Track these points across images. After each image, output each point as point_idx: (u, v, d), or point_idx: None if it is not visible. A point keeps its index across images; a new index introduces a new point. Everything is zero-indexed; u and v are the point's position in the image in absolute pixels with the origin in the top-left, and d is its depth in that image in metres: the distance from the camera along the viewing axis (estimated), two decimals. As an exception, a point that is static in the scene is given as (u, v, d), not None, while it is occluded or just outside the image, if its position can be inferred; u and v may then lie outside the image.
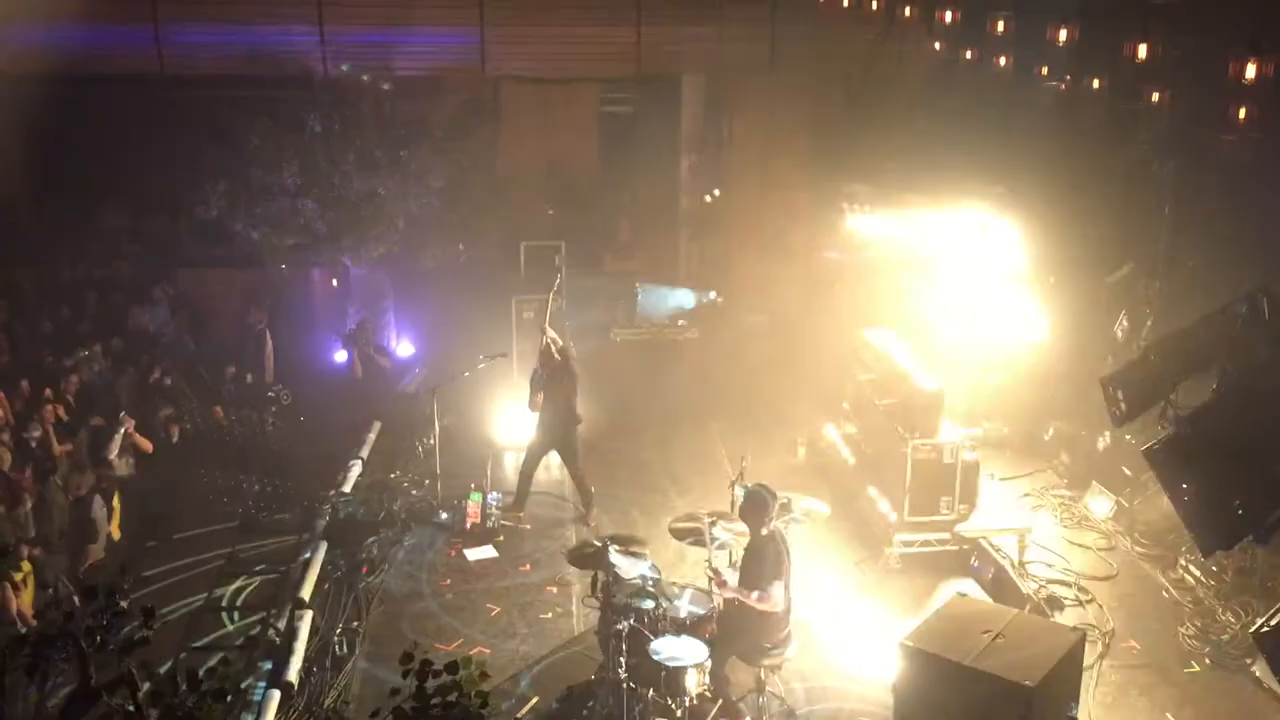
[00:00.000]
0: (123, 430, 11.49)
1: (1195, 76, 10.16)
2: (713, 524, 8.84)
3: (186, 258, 16.38)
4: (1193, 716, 8.74)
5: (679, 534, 9.14)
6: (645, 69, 16.50)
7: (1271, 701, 8.62)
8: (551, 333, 11.75)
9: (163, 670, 4.79)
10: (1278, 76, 9.18)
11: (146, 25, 15.40)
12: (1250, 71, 9.21)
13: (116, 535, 10.96)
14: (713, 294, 16.12)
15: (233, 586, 10.64)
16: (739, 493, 9.18)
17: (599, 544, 8.82)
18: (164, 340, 14.42)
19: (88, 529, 10.47)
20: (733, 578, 8.60)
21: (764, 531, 8.40)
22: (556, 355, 11.64)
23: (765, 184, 17.41)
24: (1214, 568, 10.20)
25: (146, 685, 4.67)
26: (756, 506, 8.40)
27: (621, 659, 8.30)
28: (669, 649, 8.20)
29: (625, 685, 8.27)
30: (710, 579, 8.56)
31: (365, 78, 14.84)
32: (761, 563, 8.35)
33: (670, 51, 16.45)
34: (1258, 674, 8.97)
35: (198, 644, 9.57)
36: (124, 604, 4.83)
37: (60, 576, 9.83)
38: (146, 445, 11.73)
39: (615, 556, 8.60)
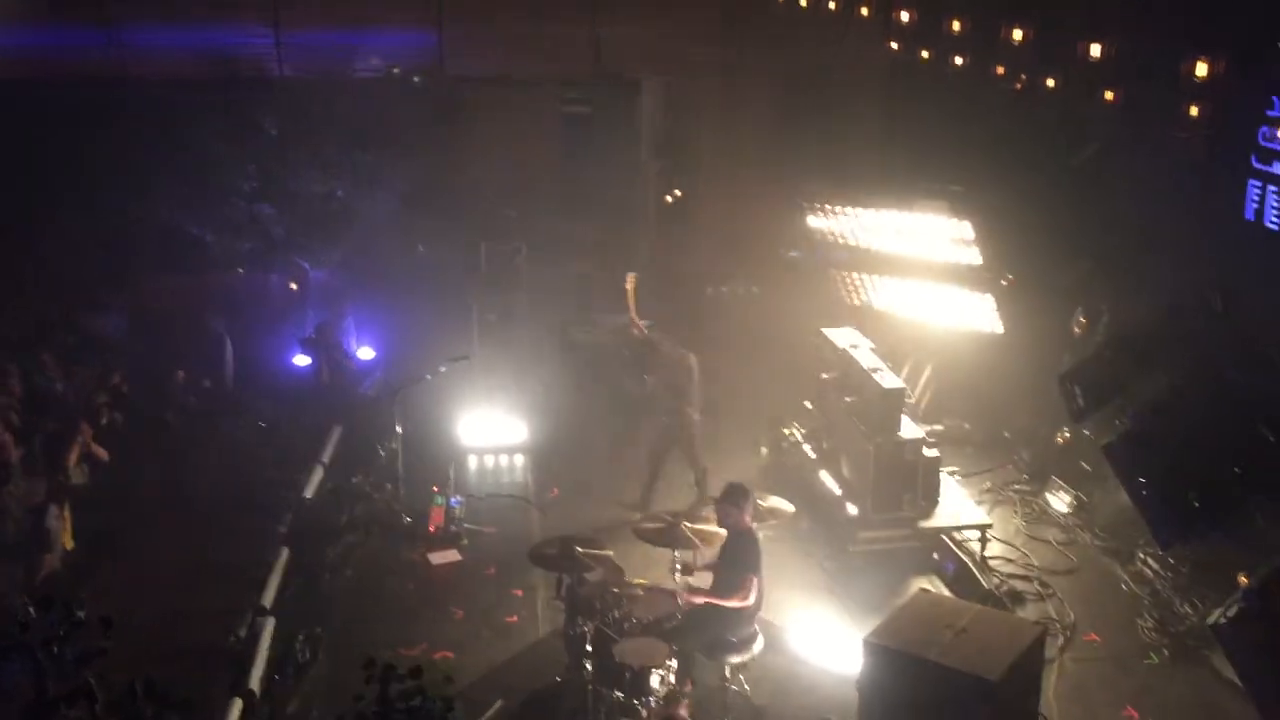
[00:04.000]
0: (81, 439, 11.32)
1: (1148, 75, 10.29)
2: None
3: (141, 263, 16.19)
4: (1152, 707, 8.85)
5: (643, 535, 9.13)
6: (605, 70, 16.49)
7: (1229, 692, 8.72)
8: (633, 316, 11.90)
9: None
10: (1228, 74, 9.32)
11: (99, 27, 15.22)
12: (1201, 69, 9.35)
13: (69, 545, 10.80)
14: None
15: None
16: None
17: (560, 547, 8.80)
18: (118, 346, 14.23)
19: (43, 538, 10.30)
20: (703, 580, 8.65)
21: (743, 526, 8.46)
22: (642, 344, 11.90)
23: (726, 184, 17.47)
24: (1172, 560, 10.32)
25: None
26: (736, 499, 8.45)
27: (586, 661, 8.29)
28: (634, 650, 8.19)
29: (590, 687, 8.25)
30: (680, 589, 8.60)
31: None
32: (741, 556, 8.41)
33: (631, 53, 16.46)
34: (1215, 665, 9.09)
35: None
36: (81, 614, 4.76)
37: (15, 587, 9.67)
38: (103, 454, 11.56)
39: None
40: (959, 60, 12.39)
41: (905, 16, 13.15)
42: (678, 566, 8.77)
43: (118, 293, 15.15)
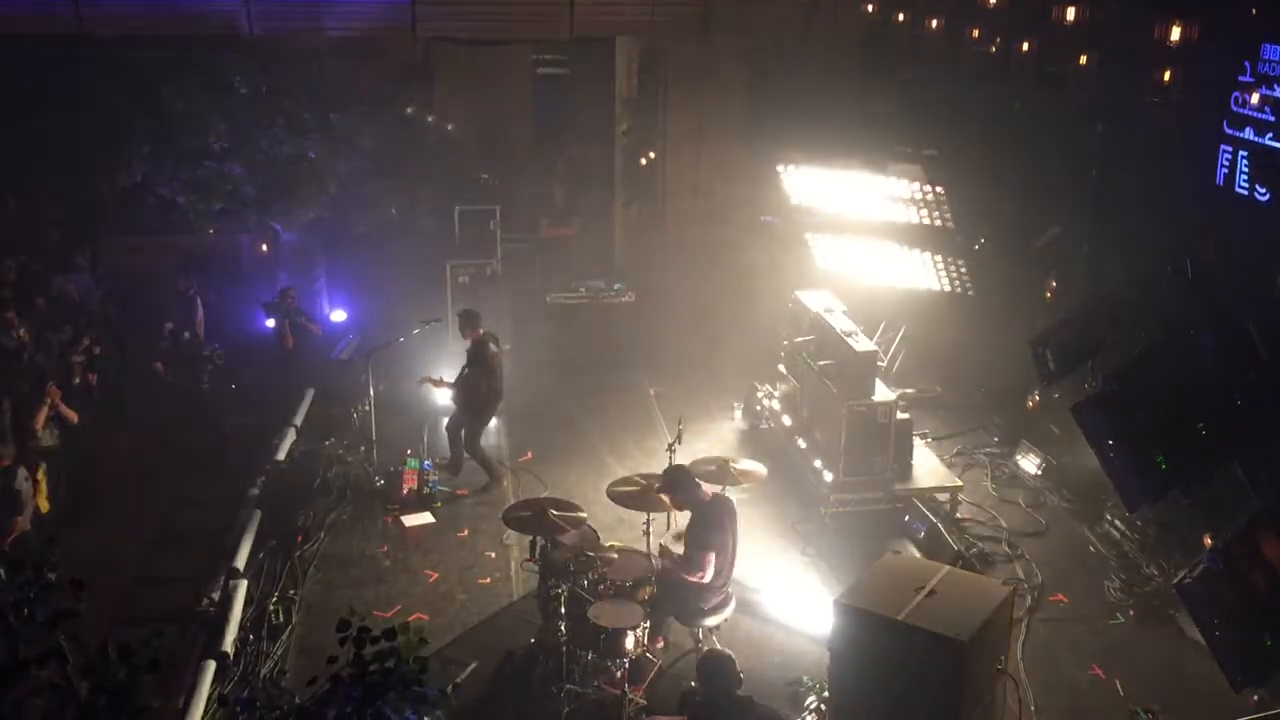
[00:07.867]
0: (49, 401, 11.22)
1: (1121, 39, 10.30)
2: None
3: (111, 224, 15.99)
4: (1118, 667, 8.98)
5: (617, 498, 9.17)
6: (579, 31, 16.34)
7: (1193, 651, 8.87)
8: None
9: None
10: (1201, 39, 9.35)
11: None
12: (1175, 34, 9.37)
13: (45, 507, 10.74)
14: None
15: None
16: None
17: (535, 510, 8.82)
18: (89, 308, 14.09)
19: (12, 501, 10.23)
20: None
21: (702, 499, 8.50)
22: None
23: (701, 147, 17.40)
24: (1139, 522, 10.46)
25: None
26: (677, 484, 8.53)
27: (560, 622, 8.34)
28: (607, 612, 8.24)
29: (564, 648, 8.31)
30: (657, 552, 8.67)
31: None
32: (700, 532, 8.46)
33: (604, 13, 16.30)
34: (1181, 625, 9.23)
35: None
36: (52, 576, 4.73)
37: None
38: (72, 416, 11.46)
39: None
40: (935, 23, 12.37)
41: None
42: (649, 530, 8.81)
43: (85, 255, 14.96)
